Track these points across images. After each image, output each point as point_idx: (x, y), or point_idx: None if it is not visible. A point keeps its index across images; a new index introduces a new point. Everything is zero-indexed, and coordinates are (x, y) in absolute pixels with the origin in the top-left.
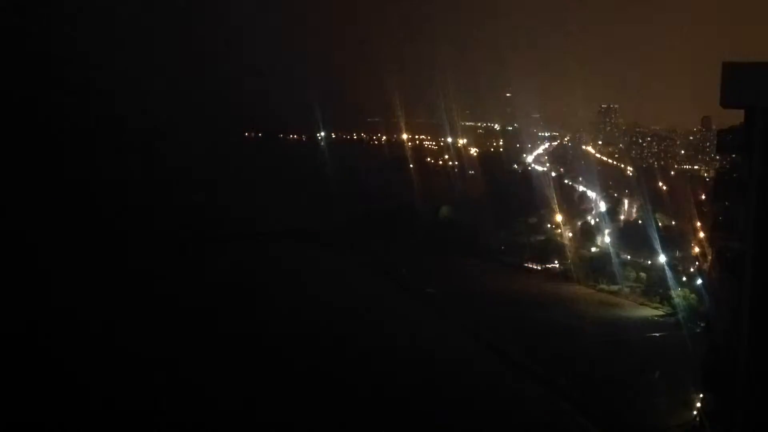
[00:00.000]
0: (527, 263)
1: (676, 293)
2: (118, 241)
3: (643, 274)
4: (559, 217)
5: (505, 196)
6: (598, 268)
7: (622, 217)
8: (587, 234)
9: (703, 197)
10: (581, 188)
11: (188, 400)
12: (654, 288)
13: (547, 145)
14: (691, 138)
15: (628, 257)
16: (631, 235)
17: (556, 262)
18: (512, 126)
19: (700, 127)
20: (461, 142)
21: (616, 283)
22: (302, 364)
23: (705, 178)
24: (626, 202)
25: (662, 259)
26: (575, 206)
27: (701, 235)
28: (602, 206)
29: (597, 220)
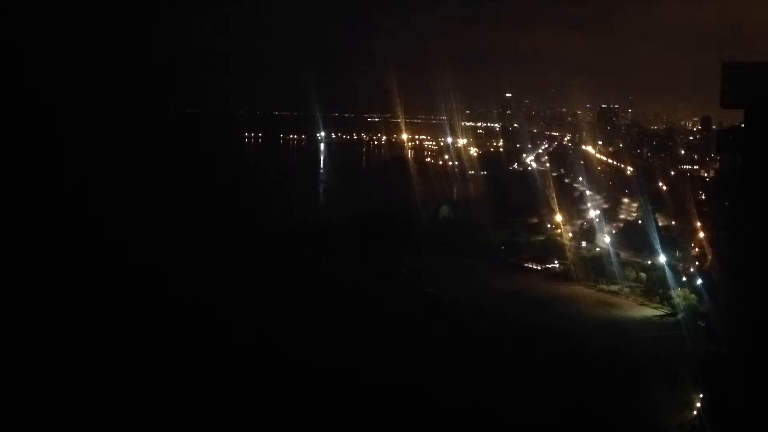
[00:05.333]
0: (527, 263)
1: (676, 293)
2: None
3: (643, 274)
4: (559, 217)
5: (505, 196)
6: (598, 268)
7: (622, 217)
8: (587, 234)
9: (703, 197)
10: (581, 188)
11: None
12: (654, 288)
13: (547, 145)
14: (691, 138)
15: (628, 257)
16: (631, 235)
17: (555, 261)
18: (512, 126)
19: (700, 127)
20: (461, 142)
21: (616, 283)
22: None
23: (705, 178)
24: (626, 202)
25: (662, 259)
26: (575, 206)
27: (701, 235)
28: (602, 206)
29: (597, 220)
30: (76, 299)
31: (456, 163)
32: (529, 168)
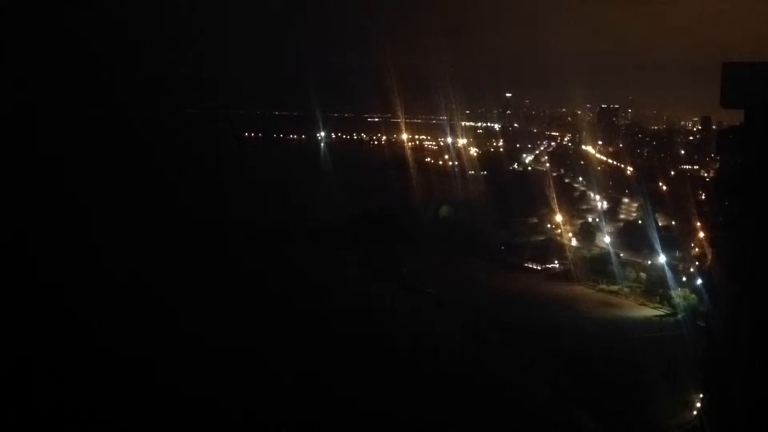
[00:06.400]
0: (527, 263)
1: (676, 293)
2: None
3: (643, 274)
4: (559, 217)
5: (505, 196)
6: (598, 268)
7: (622, 217)
8: (587, 234)
9: (703, 197)
10: (581, 188)
11: None
12: (654, 288)
13: (546, 145)
14: (691, 138)
15: (628, 257)
16: (631, 235)
17: (556, 262)
18: (512, 126)
19: (700, 127)
20: (461, 142)
21: (616, 283)
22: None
23: (705, 178)
24: (626, 202)
25: (662, 259)
26: (575, 206)
27: (701, 235)
28: (602, 206)
29: (597, 220)
30: (78, 300)
31: (456, 163)
32: (529, 168)
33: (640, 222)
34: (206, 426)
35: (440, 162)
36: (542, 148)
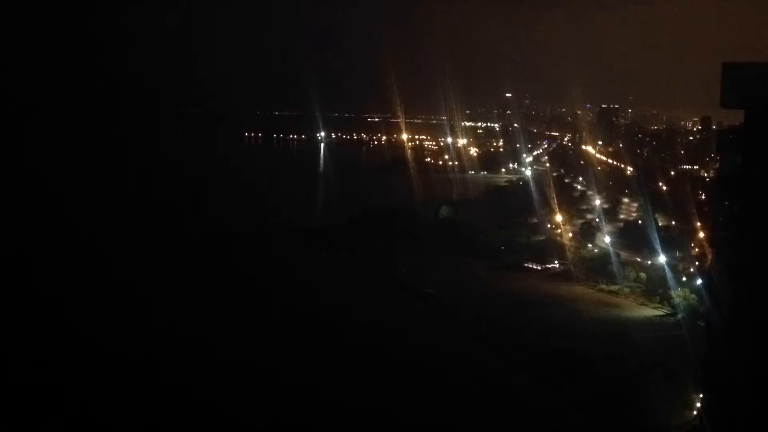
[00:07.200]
0: (527, 263)
1: (676, 293)
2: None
3: (643, 274)
4: (559, 217)
5: (505, 196)
6: (598, 268)
7: (622, 217)
8: (587, 234)
9: (703, 197)
10: (581, 188)
11: None
12: (654, 288)
13: (546, 145)
14: (691, 138)
15: (628, 257)
16: (631, 235)
17: (556, 262)
18: (512, 126)
19: (700, 128)
20: (461, 142)
21: (616, 283)
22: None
23: (705, 178)
24: (626, 202)
25: (662, 259)
26: (575, 206)
27: (701, 235)
28: (602, 206)
29: (597, 220)
30: (69, 303)
31: (456, 163)
32: (529, 168)
33: (640, 222)
34: (200, 426)
35: (440, 162)
36: (542, 148)
